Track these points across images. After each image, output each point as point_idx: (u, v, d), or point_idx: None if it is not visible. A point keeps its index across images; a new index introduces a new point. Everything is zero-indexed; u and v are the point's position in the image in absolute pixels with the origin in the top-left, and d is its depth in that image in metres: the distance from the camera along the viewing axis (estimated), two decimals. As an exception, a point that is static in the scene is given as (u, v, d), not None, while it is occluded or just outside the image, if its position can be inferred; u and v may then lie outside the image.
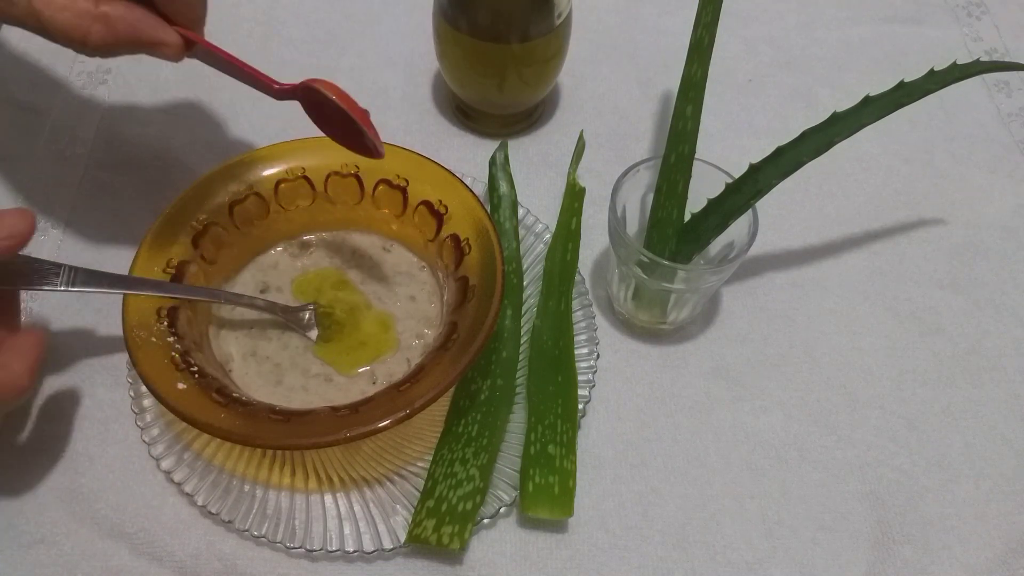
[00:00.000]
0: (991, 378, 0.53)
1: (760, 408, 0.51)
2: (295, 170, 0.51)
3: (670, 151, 0.50)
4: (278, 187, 0.51)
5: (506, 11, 0.55)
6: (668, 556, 0.46)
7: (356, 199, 0.52)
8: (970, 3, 0.73)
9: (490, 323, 0.44)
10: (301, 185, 0.51)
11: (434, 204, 0.50)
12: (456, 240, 0.49)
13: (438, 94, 0.65)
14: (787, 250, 0.59)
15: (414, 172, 0.51)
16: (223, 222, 0.50)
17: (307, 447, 0.41)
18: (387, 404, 0.42)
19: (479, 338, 0.44)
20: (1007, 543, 0.47)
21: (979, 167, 0.63)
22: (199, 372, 0.43)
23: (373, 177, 0.52)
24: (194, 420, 0.41)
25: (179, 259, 0.48)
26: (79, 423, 0.48)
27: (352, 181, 0.52)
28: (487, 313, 0.44)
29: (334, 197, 0.52)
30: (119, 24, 0.42)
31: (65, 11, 0.41)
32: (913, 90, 0.48)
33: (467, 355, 0.43)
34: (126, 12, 0.42)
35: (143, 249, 0.47)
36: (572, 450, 0.47)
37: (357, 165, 0.51)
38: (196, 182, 0.50)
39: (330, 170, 0.51)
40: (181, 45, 0.44)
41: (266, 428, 0.41)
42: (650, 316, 0.53)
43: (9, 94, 0.62)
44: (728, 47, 0.67)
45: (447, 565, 0.45)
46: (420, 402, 0.41)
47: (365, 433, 0.41)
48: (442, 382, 0.42)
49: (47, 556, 0.44)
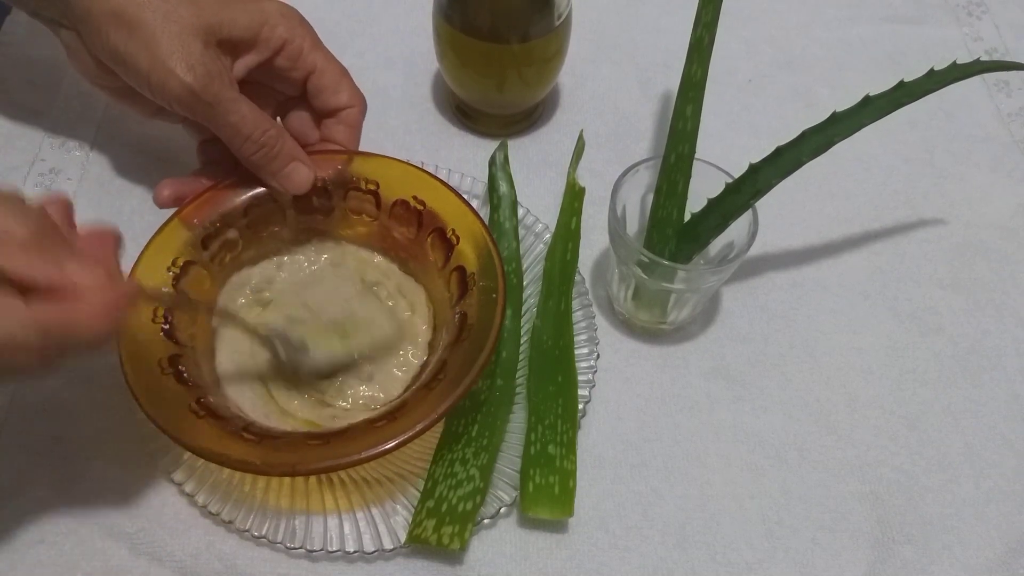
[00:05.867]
0: (991, 378, 0.53)
1: (760, 408, 0.51)
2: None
3: (670, 151, 0.50)
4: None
5: (506, 11, 0.55)
6: (668, 556, 0.46)
7: (373, 215, 0.51)
8: (970, 3, 0.73)
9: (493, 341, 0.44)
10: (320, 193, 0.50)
11: (446, 232, 0.49)
12: (463, 273, 0.48)
13: (438, 94, 0.65)
14: (787, 250, 0.58)
15: (430, 194, 0.50)
16: (238, 225, 0.49)
17: (348, 466, 0.42)
18: (421, 408, 0.42)
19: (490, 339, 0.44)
20: (1007, 543, 0.47)
21: (979, 167, 0.63)
22: (219, 415, 0.43)
23: (391, 195, 0.50)
24: (232, 462, 0.41)
25: (185, 259, 0.47)
26: (79, 422, 0.48)
27: (369, 198, 0.51)
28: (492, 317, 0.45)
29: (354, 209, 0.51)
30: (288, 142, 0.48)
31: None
32: (913, 90, 0.48)
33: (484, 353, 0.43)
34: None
35: (149, 250, 0.47)
36: (572, 450, 0.47)
37: (377, 182, 0.50)
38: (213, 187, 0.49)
39: (349, 184, 0.51)
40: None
41: (309, 454, 0.41)
42: (650, 316, 0.53)
43: (9, 94, 0.62)
44: (728, 47, 0.67)
45: (447, 565, 0.45)
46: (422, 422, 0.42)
47: (404, 441, 0.41)
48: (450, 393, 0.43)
49: (47, 556, 0.44)
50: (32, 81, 0.63)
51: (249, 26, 0.47)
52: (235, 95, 0.46)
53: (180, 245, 0.48)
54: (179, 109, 0.46)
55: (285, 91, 0.51)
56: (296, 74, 0.49)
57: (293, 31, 0.48)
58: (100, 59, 0.47)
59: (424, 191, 0.50)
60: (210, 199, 0.49)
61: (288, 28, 0.48)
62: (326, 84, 0.49)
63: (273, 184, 0.49)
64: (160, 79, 0.44)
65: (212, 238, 0.49)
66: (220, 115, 0.45)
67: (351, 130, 0.51)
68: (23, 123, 0.61)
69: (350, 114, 0.51)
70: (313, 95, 0.50)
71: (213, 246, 0.49)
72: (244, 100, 0.46)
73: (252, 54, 0.48)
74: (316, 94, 0.50)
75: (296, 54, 0.48)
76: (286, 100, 0.52)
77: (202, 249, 0.48)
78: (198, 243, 0.48)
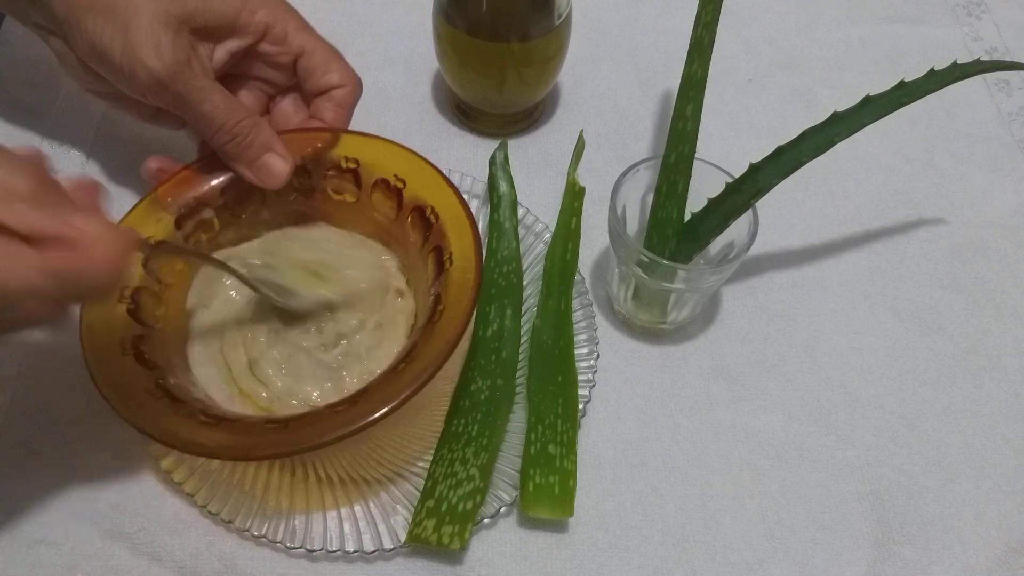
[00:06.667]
0: (991, 378, 0.53)
1: (760, 408, 0.51)
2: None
3: (670, 151, 0.50)
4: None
5: (506, 11, 0.55)
6: (668, 556, 0.46)
7: (354, 196, 0.51)
8: (970, 2, 0.73)
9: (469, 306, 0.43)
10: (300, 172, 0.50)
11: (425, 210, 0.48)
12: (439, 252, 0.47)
13: (438, 94, 0.65)
14: (787, 250, 0.58)
15: (411, 173, 0.49)
16: (214, 204, 0.49)
17: (305, 450, 0.41)
18: (384, 393, 0.41)
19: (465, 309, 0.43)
20: (1007, 543, 0.47)
21: (979, 166, 0.63)
22: (176, 397, 0.42)
23: (372, 174, 0.50)
24: (186, 445, 0.40)
25: (157, 240, 0.46)
26: (78, 422, 0.48)
27: (349, 176, 0.50)
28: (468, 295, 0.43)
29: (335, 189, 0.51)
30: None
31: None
32: (913, 90, 0.48)
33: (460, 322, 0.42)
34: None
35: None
36: (572, 450, 0.47)
37: (357, 160, 0.49)
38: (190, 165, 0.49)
39: (329, 163, 0.50)
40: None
41: (265, 439, 0.40)
42: (650, 316, 0.53)
43: (9, 94, 0.62)
44: (728, 47, 0.67)
45: (447, 565, 0.45)
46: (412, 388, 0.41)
47: (363, 427, 0.40)
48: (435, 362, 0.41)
49: (47, 556, 0.44)
50: (32, 81, 0.63)
51: (226, 12, 0.46)
52: (206, 84, 0.45)
53: (152, 225, 0.47)
54: (151, 99, 0.46)
55: (275, 80, 0.51)
56: (284, 58, 0.49)
57: (275, 14, 0.48)
58: (85, 60, 0.47)
59: (405, 169, 0.49)
60: (186, 179, 0.48)
61: (269, 12, 0.48)
62: (315, 64, 0.49)
63: (247, 174, 0.48)
64: (130, 68, 0.44)
65: (186, 218, 0.48)
66: (191, 104, 0.45)
67: (340, 110, 0.50)
68: (23, 123, 0.61)
69: (340, 93, 0.50)
70: (303, 78, 0.50)
71: (187, 226, 0.48)
72: (217, 89, 0.46)
73: (233, 40, 0.48)
74: (306, 76, 0.49)
75: (281, 38, 0.48)
76: (277, 91, 0.52)
77: (176, 229, 0.48)
78: (171, 223, 0.48)
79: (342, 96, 0.50)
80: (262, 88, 0.52)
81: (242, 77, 0.50)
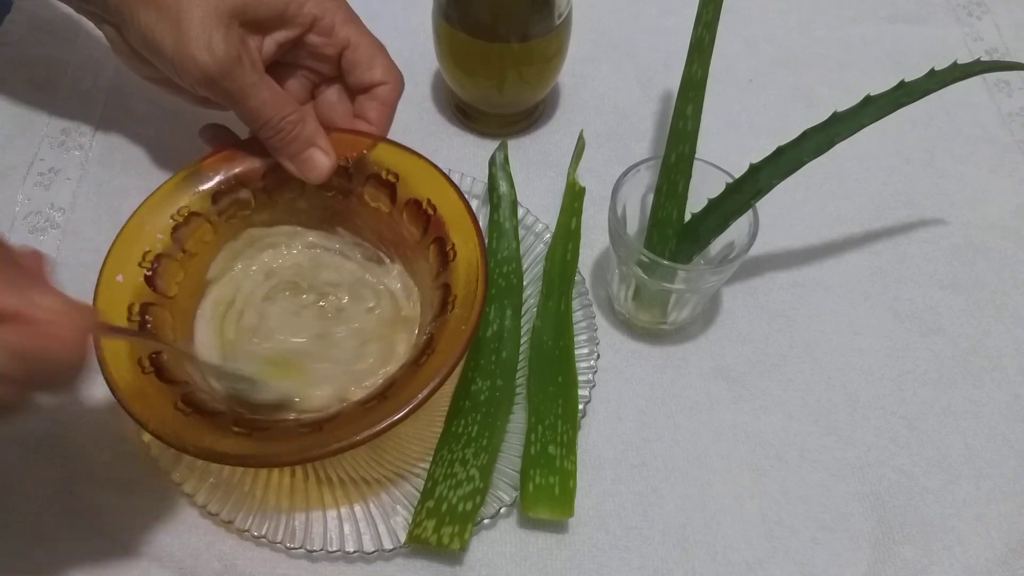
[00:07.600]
0: (992, 378, 0.53)
1: (760, 408, 0.51)
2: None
3: (670, 151, 0.50)
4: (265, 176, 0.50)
5: (506, 11, 0.55)
6: (668, 556, 0.46)
7: (387, 208, 0.50)
8: (971, 3, 0.73)
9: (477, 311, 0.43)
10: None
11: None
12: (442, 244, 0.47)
13: (438, 94, 0.65)
14: (787, 250, 0.58)
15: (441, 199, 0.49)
16: (253, 187, 0.49)
17: (348, 448, 0.40)
18: (412, 385, 0.41)
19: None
20: (1007, 543, 0.47)
21: (980, 167, 0.63)
22: (204, 410, 0.42)
23: (406, 195, 0.49)
24: (233, 459, 0.40)
25: (191, 210, 0.47)
26: (78, 422, 0.48)
27: (386, 190, 0.49)
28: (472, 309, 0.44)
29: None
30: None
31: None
32: (913, 90, 0.48)
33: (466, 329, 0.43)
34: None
35: (156, 195, 0.47)
36: (572, 450, 0.47)
37: (397, 175, 0.49)
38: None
39: (372, 171, 0.50)
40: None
41: (298, 443, 0.40)
42: (650, 316, 0.53)
43: (9, 94, 0.62)
44: (729, 46, 0.67)
45: (447, 565, 0.45)
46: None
47: (399, 420, 0.40)
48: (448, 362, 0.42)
49: (47, 556, 0.44)
50: (32, 81, 0.63)
51: (275, 4, 0.47)
52: (255, 79, 0.46)
53: (190, 195, 0.48)
54: (202, 92, 0.46)
55: (320, 70, 0.51)
56: (330, 50, 0.49)
57: (323, 6, 0.48)
58: (137, 49, 0.47)
59: (437, 195, 0.48)
60: (231, 156, 0.49)
61: (318, 3, 0.48)
62: (359, 59, 0.49)
63: (290, 167, 0.48)
64: (181, 62, 0.45)
65: (223, 194, 0.49)
66: (240, 100, 0.46)
67: (384, 108, 0.50)
68: (23, 123, 0.61)
69: (383, 91, 0.50)
70: (347, 71, 0.50)
71: (223, 202, 0.49)
72: (266, 84, 0.46)
73: (282, 32, 0.48)
74: (350, 70, 0.50)
75: (328, 29, 0.49)
76: (322, 80, 0.52)
77: (211, 203, 0.48)
78: (208, 196, 0.48)
79: (385, 94, 0.50)
80: (307, 76, 0.52)
81: (289, 65, 0.51)
